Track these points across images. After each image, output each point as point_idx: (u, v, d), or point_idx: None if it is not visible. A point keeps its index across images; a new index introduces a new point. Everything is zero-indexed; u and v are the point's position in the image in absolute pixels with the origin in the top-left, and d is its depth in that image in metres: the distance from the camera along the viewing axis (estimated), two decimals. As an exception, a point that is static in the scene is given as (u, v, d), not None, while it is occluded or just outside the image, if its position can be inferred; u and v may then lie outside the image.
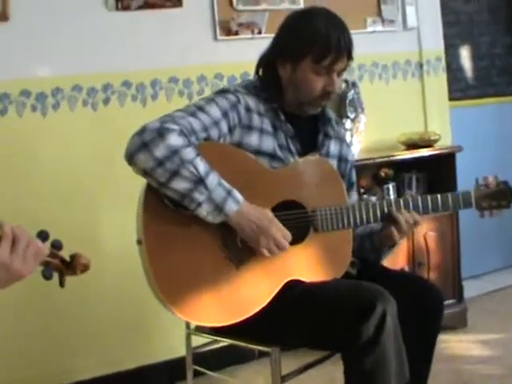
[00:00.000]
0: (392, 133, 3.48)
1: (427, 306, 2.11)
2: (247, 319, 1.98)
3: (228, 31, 3.13)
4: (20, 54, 2.84)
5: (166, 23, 3.08)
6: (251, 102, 2.07)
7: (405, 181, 3.44)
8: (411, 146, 3.42)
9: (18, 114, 2.85)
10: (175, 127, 1.88)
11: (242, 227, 1.92)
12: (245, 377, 2.68)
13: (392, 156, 3.33)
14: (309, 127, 2.20)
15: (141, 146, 1.84)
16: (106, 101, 2.97)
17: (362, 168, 3.29)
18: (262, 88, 2.12)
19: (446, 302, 3.29)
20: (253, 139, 2.06)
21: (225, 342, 2.24)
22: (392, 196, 3.32)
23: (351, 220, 2.08)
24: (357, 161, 3.23)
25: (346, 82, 3.32)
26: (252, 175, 2.02)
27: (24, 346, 2.89)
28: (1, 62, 2.82)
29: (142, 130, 1.87)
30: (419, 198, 2.14)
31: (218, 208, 1.87)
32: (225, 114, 2.00)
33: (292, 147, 2.12)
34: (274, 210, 2.00)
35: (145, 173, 1.86)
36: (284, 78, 2.10)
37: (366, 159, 3.32)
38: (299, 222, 2.04)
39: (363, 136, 3.41)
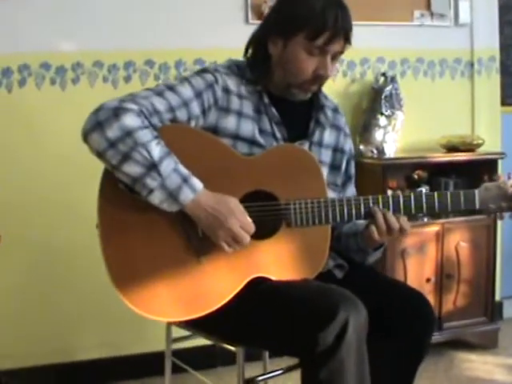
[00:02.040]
0: (433, 134, 3.25)
1: (415, 320, 1.89)
2: (214, 315, 1.83)
3: (260, 15, 2.99)
4: (42, 27, 2.80)
5: (198, 4, 2.98)
6: (231, 82, 1.93)
7: (441, 185, 3.20)
8: (451, 149, 3.19)
9: (37, 87, 2.82)
10: (133, 107, 1.74)
11: (198, 217, 1.76)
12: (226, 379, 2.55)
13: (426, 158, 3.11)
14: (300, 113, 2.03)
15: (95, 126, 1.71)
16: (128, 78, 2.90)
17: (394, 168, 3.12)
18: (249, 68, 1.97)
19: (476, 320, 3.17)
20: (230, 123, 1.91)
21: (198, 336, 2.10)
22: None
23: (330, 216, 1.88)
24: (388, 160, 3.09)
25: (385, 76, 3.13)
26: (220, 162, 1.86)
27: (25, 322, 2.87)
28: (22, 34, 2.79)
29: (99, 109, 1.74)
30: (412, 197, 1.90)
31: (172, 196, 1.72)
32: (198, 95, 1.86)
33: (277, 133, 1.96)
34: (244, 201, 1.84)
35: (98, 154, 1.73)
36: (274, 56, 1.94)
37: (396, 158, 3.13)
38: (270, 215, 1.87)
39: (400, 135, 3.20)
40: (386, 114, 3.10)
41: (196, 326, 2.00)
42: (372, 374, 1.92)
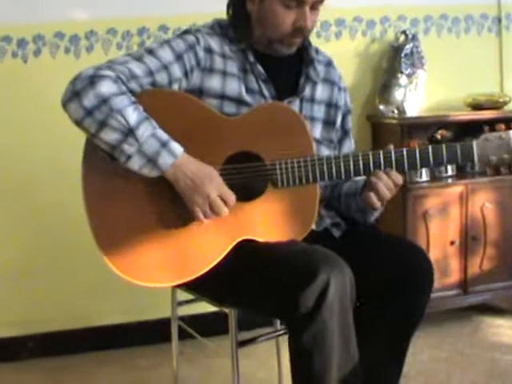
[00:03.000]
0: (458, 93, 3.15)
1: (414, 274, 1.85)
2: (204, 277, 1.82)
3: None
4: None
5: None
6: (214, 42, 1.89)
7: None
8: (477, 108, 3.08)
9: (52, 56, 2.85)
10: (110, 73, 1.72)
11: (177, 183, 1.73)
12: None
13: (448, 116, 3.01)
14: (289, 69, 1.98)
15: (72, 95, 1.69)
16: (142, 45, 2.87)
17: (416, 128, 3.04)
18: (230, 27, 1.93)
19: (503, 284, 3.08)
20: (214, 83, 1.87)
21: (194, 297, 2.11)
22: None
23: (317, 175, 1.83)
24: (408, 119, 3.01)
25: (405, 34, 3.04)
26: (202, 124, 1.82)
27: (47, 286, 2.93)
28: (36, 5, 2.81)
29: (76, 78, 1.72)
30: (404, 151, 1.83)
31: (151, 161, 1.69)
32: (178, 57, 1.83)
33: (265, 91, 1.92)
34: (228, 162, 1.81)
35: (76, 123, 1.71)
36: (253, 14, 1.90)
37: (417, 118, 3.04)
38: (256, 176, 1.83)
39: (424, 94, 3.11)
40: (407, 72, 3.01)
41: (191, 288, 2.00)
42: (368, 337, 1.92)
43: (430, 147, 1.85)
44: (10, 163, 2.86)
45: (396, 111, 3.03)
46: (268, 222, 1.83)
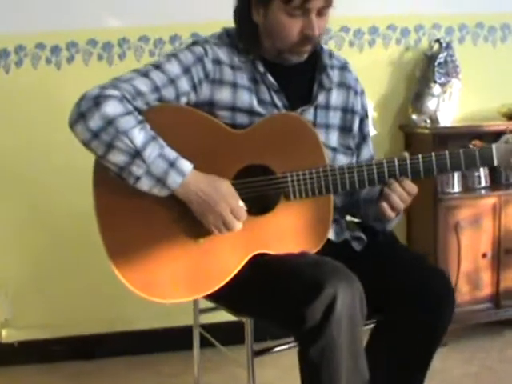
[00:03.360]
0: (493, 103, 3.08)
1: (432, 297, 1.80)
2: (221, 287, 1.82)
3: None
4: (88, 4, 2.86)
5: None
6: (222, 53, 1.86)
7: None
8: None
9: (85, 63, 2.88)
10: (115, 93, 1.71)
11: (189, 200, 1.73)
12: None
13: (482, 126, 2.94)
14: (302, 78, 1.94)
15: (78, 117, 1.69)
16: (173, 53, 2.92)
17: (448, 138, 2.96)
18: (238, 38, 1.90)
19: None
20: (225, 95, 1.85)
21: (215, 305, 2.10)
22: (482, 173, 2.97)
23: (330, 186, 1.80)
24: (440, 129, 2.96)
25: (439, 42, 2.99)
26: (211, 139, 1.80)
27: (74, 289, 2.96)
28: (69, 12, 2.84)
29: (81, 99, 1.71)
30: (420, 159, 1.78)
31: (160, 181, 1.69)
32: (186, 70, 1.81)
33: (277, 101, 1.89)
34: (238, 177, 1.79)
35: (84, 144, 1.71)
36: (259, 25, 1.87)
37: (449, 128, 2.99)
38: (268, 190, 1.81)
39: (458, 104, 3.06)
40: (440, 81, 2.96)
41: (210, 297, 1.97)
42: (383, 356, 1.88)
43: (447, 152, 1.80)
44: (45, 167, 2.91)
45: (429, 121, 2.98)
46: (282, 235, 1.82)
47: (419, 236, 3.08)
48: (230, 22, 1.99)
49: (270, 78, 1.88)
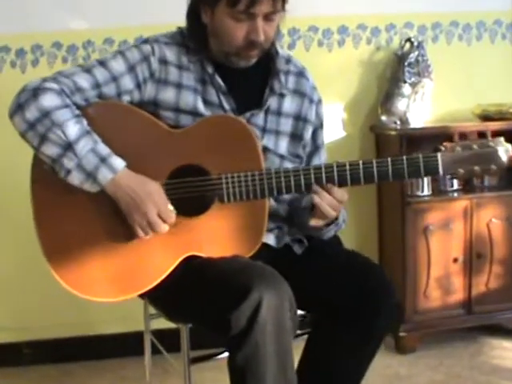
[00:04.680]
0: (468, 103, 3.00)
1: (371, 296, 1.76)
2: (156, 293, 1.80)
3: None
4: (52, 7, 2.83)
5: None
6: (170, 53, 1.83)
7: (475, 159, 2.96)
8: (487, 119, 2.94)
9: (49, 66, 2.83)
10: (54, 86, 1.70)
11: (117, 198, 1.71)
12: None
13: (453, 127, 2.84)
14: (254, 81, 1.90)
15: (16, 108, 1.69)
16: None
17: (419, 140, 2.89)
18: (188, 38, 1.87)
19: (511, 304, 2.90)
20: (169, 95, 1.82)
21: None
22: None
23: (265, 190, 1.75)
24: (409, 130, 2.90)
25: (410, 41, 2.92)
26: (148, 137, 1.78)
27: (42, 293, 2.91)
28: (33, 15, 2.82)
29: (21, 90, 1.72)
30: (361, 165, 1.72)
31: (91, 176, 1.67)
32: (131, 68, 1.79)
33: (225, 104, 1.85)
34: (173, 176, 1.76)
35: (21, 135, 1.71)
36: (208, 26, 1.83)
37: (419, 129, 2.91)
38: (202, 191, 1.77)
39: (430, 105, 2.99)
40: (410, 81, 2.89)
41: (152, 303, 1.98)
42: (325, 358, 1.85)
43: (389, 159, 1.74)
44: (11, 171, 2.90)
45: (398, 122, 2.92)
46: (214, 238, 1.78)
47: (389, 240, 3.02)
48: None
49: (219, 79, 1.85)
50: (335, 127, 3.04)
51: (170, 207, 1.73)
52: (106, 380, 2.83)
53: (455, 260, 2.86)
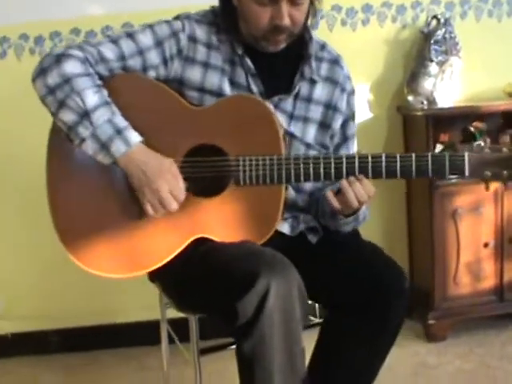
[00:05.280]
0: (498, 82, 2.89)
1: (385, 292, 1.69)
2: (165, 277, 1.80)
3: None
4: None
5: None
6: (200, 31, 1.79)
7: (507, 138, 2.83)
8: (518, 97, 2.83)
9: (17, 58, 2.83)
10: (78, 53, 1.69)
11: (130, 173, 1.67)
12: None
13: (482, 107, 2.75)
14: (285, 66, 1.84)
15: (39, 72, 1.69)
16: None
17: (447, 120, 2.80)
18: (220, 18, 1.82)
19: None
20: (194, 74, 1.78)
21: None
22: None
23: (283, 176, 1.69)
24: (436, 110, 2.80)
25: (437, 18, 2.81)
26: (167, 113, 1.74)
27: (68, 282, 2.91)
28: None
29: (46, 55, 1.71)
30: (383, 158, 1.67)
31: (105, 147, 1.64)
32: (158, 43, 1.76)
33: (253, 86, 1.80)
34: (190, 154, 1.72)
35: (41, 99, 1.70)
36: (238, 8, 1.77)
37: (446, 109, 2.80)
38: (218, 172, 1.72)
39: (460, 84, 2.88)
40: (437, 60, 2.78)
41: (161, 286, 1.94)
42: (337, 350, 1.78)
43: (413, 155, 1.68)
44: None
45: (425, 102, 2.82)
46: (226, 221, 1.73)
47: (417, 225, 2.92)
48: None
49: (248, 61, 1.80)
50: (361, 109, 2.93)
51: (183, 186, 1.68)
52: (131, 367, 2.81)
53: (486, 245, 2.76)
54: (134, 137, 1.66)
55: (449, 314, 2.78)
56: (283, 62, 1.83)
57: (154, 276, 1.90)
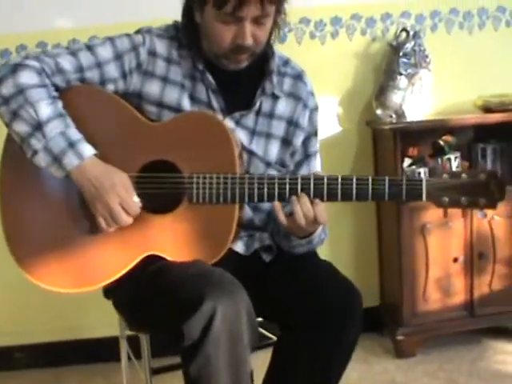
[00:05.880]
0: (470, 95, 2.86)
1: (335, 311, 1.65)
2: (120, 300, 1.77)
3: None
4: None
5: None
6: (161, 45, 1.77)
7: (477, 151, 2.81)
8: (489, 110, 2.78)
9: None
10: (34, 64, 1.66)
11: (81, 186, 1.64)
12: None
13: (450, 120, 2.72)
14: (248, 82, 1.80)
15: None
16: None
17: (416, 134, 2.77)
18: (182, 33, 1.79)
19: None
20: (153, 88, 1.76)
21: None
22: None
23: (236, 195, 1.66)
24: (404, 124, 2.76)
25: (406, 31, 2.78)
26: (123, 127, 1.72)
27: (35, 297, 2.85)
28: None
29: (3, 64, 1.69)
30: (339, 180, 1.62)
31: (57, 160, 1.61)
32: (118, 57, 1.73)
33: (214, 103, 1.77)
34: (144, 170, 1.69)
35: None
36: (200, 26, 1.74)
37: (413, 122, 2.76)
38: (171, 189, 1.68)
39: (430, 97, 2.85)
40: (406, 73, 2.75)
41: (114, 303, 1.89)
42: (287, 370, 1.73)
43: (369, 178, 1.63)
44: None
45: (394, 116, 2.79)
46: (178, 240, 1.69)
47: (387, 240, 2.89)
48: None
49: (209, 76, 1.76)
50: (331, 122, 2.92)
51: (136, 199, 1.65)
52: (95, 384, 2.79)
53: (455, 260, 2.72)
54: (88, 150, 1.63)
55: (418, 330, 2.74)
56: (245, 78, 1.80)
57: (108, 292, 1.87)
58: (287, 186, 1.65)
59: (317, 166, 1.92)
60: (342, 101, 2.91)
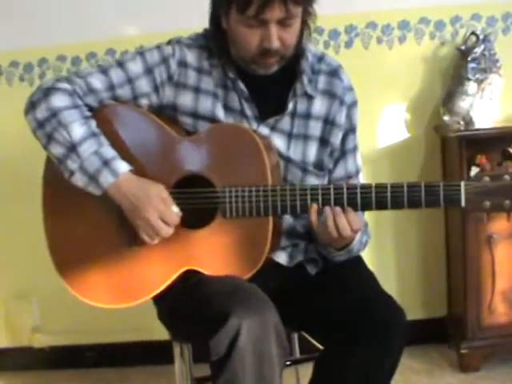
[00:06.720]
0: (544, 101, 2.74)
1: (377, 327, 1.61)
2: (162, 309, 1.80)
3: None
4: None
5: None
6: (191, 55, 1.78)
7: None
8: None
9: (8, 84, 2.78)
10: (66, 87, 1.72)
11: (120, 203, 1.68)
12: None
13: (518, 128, 2.61)
14: (279, 86, 1.79)
15: (29, 106, 1.73)
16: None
17: (485, 142, 2.65)
18: (211, 41, 1.80)
19: None
20: (187, 99, 1.78)
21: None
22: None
23: (269, 207, 1.65)
24: (471, 131, 2.67)
25: (475, 34, 2.69)
26: (156, 143, 1.75)
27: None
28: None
29: (36, 89, 1.75)
30: (373, 189, 1.60)
31: (94, 179, 1.65)
32: (148, 71, 1.76)
33: (247, 111, 1.77)
34: (178, 185, 1.71)
35: (33, 134, 1.74)
36: (228, 32, 1.74)
37: (481, 129, 2.66)
38: (205, 203, 1.70)
39: (501, 103, 2.74)
40: (474, 78, 2.66)
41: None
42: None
43: (404, 184, 1.59)
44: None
45: (462, 122, 2.70)
46: (213, 254, 1.71)
47: (454, 251, 2.81)
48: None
49: (241, 84, 1.77)
50: (398, 128, 2.85)
51: (175, 209, 1.68)
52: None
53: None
54: (123, 167, 1.67)
55: (483, 344, 2.65)
56: (277, 82, 1.79)
57: (154, 302, 1.89)
58: (320, 197, 1.64)
59: (353, 163, 1.87)
60: (409, 106, 2.84)
